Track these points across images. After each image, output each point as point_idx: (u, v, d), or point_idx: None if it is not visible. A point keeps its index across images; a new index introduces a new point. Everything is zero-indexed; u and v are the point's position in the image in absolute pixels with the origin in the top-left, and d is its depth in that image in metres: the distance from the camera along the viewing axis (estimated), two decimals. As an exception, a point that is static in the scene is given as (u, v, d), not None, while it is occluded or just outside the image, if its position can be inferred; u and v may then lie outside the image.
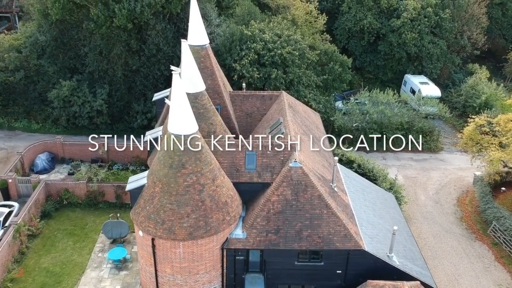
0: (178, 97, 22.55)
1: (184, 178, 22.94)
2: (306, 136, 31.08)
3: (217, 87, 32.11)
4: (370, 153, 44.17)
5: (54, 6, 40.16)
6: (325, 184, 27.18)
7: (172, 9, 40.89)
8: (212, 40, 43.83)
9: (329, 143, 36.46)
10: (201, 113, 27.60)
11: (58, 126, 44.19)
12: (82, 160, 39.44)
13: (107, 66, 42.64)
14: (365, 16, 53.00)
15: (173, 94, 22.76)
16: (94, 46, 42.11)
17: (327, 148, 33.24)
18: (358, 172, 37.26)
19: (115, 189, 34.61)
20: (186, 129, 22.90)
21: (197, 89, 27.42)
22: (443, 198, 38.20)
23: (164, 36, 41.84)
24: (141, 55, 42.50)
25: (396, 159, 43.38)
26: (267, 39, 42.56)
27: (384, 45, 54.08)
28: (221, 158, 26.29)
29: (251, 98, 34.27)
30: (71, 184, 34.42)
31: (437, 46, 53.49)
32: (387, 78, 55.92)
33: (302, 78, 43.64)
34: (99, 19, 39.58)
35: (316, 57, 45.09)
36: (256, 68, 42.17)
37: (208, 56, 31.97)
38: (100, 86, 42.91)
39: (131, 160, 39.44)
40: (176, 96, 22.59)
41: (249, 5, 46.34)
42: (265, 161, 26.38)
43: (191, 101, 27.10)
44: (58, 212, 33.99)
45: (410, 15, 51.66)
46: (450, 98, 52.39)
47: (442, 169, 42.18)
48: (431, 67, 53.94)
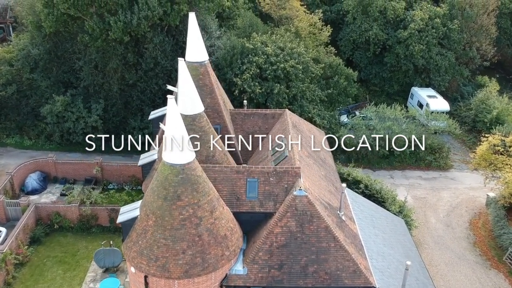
0: (174, 123, 20.73)
1: (179, 211, 21.10)
2: (311, 158, 29.25)
3: (216, 105, 30.34)
4: (377, 171, 42.32)
5: (47, 19, 38.45)
6: (332, 213, 25.31)
7: (171, 21, 39.16)
8: (212, 53, 42.13)
9: (335, 162, 34.86)
10: (199, 137, 25.82)
11: (51, 142, 42.40)
12: (76, 179, 37.69)
13: (103, 80, 40.91)
14: (370, 27, 51.23)
15: (168, 120, 20.95)
16: (89, 59, 40.40)
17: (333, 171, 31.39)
18: (365, 193, 35.47)
19: (108, 212, 32.78)
20: (182, 158, 21.07)
21: (195, 111, 25.66)
22: (454, 220, 36.27)
23: (162, 49, 40.11)
24: (138, 69, 40.77)
25: (404, 178, 41.49)
26: (270, 52, 40.81)
27: (391, 57, 52.29)
28: (220, 185, 24.48)
29: (253, 116, 32.48)
30: (62, 207, 32.60)
31: (445, 58, 51.67)
32: (393, 91, 54.08)
33: (306, 92, 41.85)
34: (94, 31, 37.89)
35: (320, 70, 43.31)
36: (258, 83, 40.40)
37: (208, 73, 30.21)
38: (95, 101, 41.16)
39: (127, 179, 37.64)
40: (171, 122, 20.77)
41: (251, 16, 44.63)
42: (267, 188, 24.54)
43: (188, 123, 25.47)
44: (49, 237, 32.15)
45: (417, 26, 49.87)
46: (459, 112, 50.50)
47: (452, 188, 40.25)
48: (439, 80, 52.10)
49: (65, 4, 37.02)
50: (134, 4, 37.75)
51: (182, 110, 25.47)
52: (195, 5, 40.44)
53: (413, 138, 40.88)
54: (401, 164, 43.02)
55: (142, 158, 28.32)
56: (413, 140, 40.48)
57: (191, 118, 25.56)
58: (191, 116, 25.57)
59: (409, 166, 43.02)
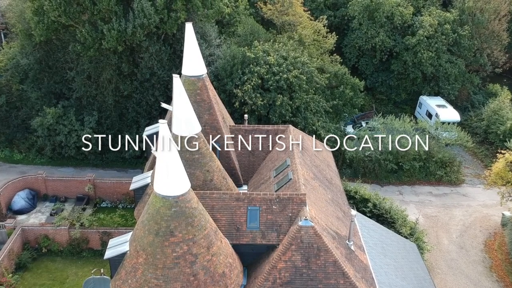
0: (166, 151, 18.63)
1: (172, 248, 19.01)
2: (317, 180, 27.14)
3: (215, 122, 28.28)
4: (385, 186, 40.21)
5: (37, 27, 36.40)
6: (341, 244, 23.20)
7: (168, 29, 37.07)
8: (211, 62, 40.07)
9: (340, 177, 32.84)
10: (196, 159, 23.74)
11: (42, 156, 40.38)
12: (67, 197, 35.68)
13: (96, 91, 38.87)
14: (377, 33, 49.10)
15: (160, 148, 18.86)
16: (82, 69, 38.37)
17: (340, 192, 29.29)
18: (374, 212, 33.42)
19: (100, 235, 30.77)
20: (175, 189, 18.98)
21: (191, 132, 23.54)
22: (468, 242, 34.15)
23: (159, 58, 38.02)
24: (134, 79, 38.71)
25: (414, 194, 39.35)
26: (272, 62, 38.69)
27: (398, 64, 50.17)
28: (219, 214, 22.42)
29: (254, 133, 30.40)
30: (51, 230, 30.56)
31: (455, 65, 49.53)
32: (400, 100, 51.96)
33: (310, 104, 39.74)
34: (86, 40, 35.86)
35: (325, 80, 41.19)
36: (259, 94, 38.29)
37: (206, 87, 28.15)
38: (88, 113, 39.12)
39: (121, 197, 35.60)
40: (163, 150, 18.68)
41: (252, 23, 42.51)
42: (270, 218, 22.44)
43: (183, 145, 23.44)
44: (36, 262, 30.13)
45: (426, 32, 47.73)
46: (470, 122, 48.35)
47: (465, 205, 38.12)
48: (449, 88, 49.93)
49: (55, 11, 35.02)
50: (129, 12, 35.76)
51: (176, 131, 23.47)
52: (193, 12, 38.39)
53: (417, 138, 38.77)
54: (410, 179, 40.90)
55: (134, 182, 26.24)
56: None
57: (186, 140, 23.49)
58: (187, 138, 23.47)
59: (419, 181, 40.90)
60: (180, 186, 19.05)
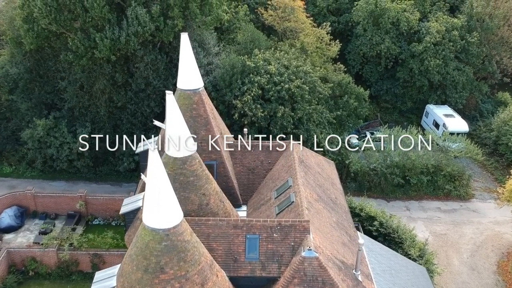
0: (155, 180, 16.87)
1: (163, 286, 17.23)
2: (321, 202, 25.36)
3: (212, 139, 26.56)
4: (392, 202, 38.42)
5: (27, 34, 34.74)
6: (347, 275, 21.42)
7: (164, 37, 35.33)
8: (209, 72, 38.34)
9: (344, 191, 31.16)
10: (191, 182, 22.02)
11: (33, 169, 38.63)
12: (58, 214, 33.98)
13: (89, 102, 37.15)
14: (382, 40, 47.30)
15: (149, 175, 17.10)
16: (74, 79, 36.67)
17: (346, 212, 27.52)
18: (380, 231, 31.61)
19: (90, 257, 29.04)
20: (166, 221, 17.22)
21: (185, 153, 21.80)
22: (480, 263, 32.34)
23: (155, 68, 36.28)
24: (128, 89, 36.99)
25: (421, 210, 37.55)
26: (273, 71, 36.92)
27: (404, 72, 48.38)
28: (215, 243, 20.69)
29: (254, 149, 28.65)
30: (38, 252, 28.81)
31: (463, 73, 47.74)
32: (406, 108, 50.15)
33: (313, 115, 37.94)
34: (78, 49, 34.14)
35: (328, 90, 39.42)
36: (260, 105, 36.53)
37: (202, 102, 26.44)
38: (81, 124, 37.37)
39: (114, 214, 33.87)
40: (152, 178, 16.92)
41: (252, 30, 40.70)
42: (270, 247, 20.68)
43: (177, 167, 21.75)
44: (22, 286, 28.46)
45: (433, 39, 45.95)
46: (479, 133, 46.50)
47: (475, 222, 36.31)
48: (456, 97, 48.13)
49: (45, 19, 33.32)
50: (123, 19, 34.04)
51: (170, 151, 21.76)
52: (191, 20, 36.65)
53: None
54: (417, 194, 39.10)
55: (125, 205, 24.50)
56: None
57: (181, 161, 21.77)
58: (181, 159, 21.75)
59: (426, 196, 39.09)
60: (171, 217, 17.30)
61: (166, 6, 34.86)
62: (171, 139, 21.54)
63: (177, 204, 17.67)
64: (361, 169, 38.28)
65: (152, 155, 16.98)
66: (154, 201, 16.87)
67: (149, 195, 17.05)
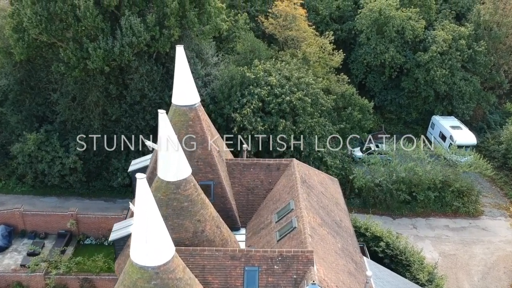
0: (144, 213, 15.27)
1: (152, 329, 15.64)
2: (325, 226, 23.75)
3: (209, 158, 25.02)
4: (398, 219, 36.80)
5: (17, 45, 33.22)
6: (354, 309, 19.82)
7: (160, 47, 33.80)
8: (207, 83, 36.82)
9: (348, 208, 29.66)
10: (185, 208, 20.46)
11: (23, 184, 37.03)
12: (47, 233, 32.41)
13: (82, 114, 35.62)
14: (386, 49, 45.75)
15: (137, 207, 15.51)
16: (66, 91, 35.19)
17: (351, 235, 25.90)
18: (387, 253, 29.99)
19: (80, 282, 27.47)
20: (156, 258, 15.61)
21: (179, 176, 20.23)
22: (492, 286, 30.71)
23: (150, 79, 34.75)
24: (122, 102, 35.45)
25: (429, 228, 35.90)
26: (274, 83, 35.40)
27: (409, 82, 46.84)
28: (210, 276, 19.09)
29: (254, 168, 27.07)
30: (25, 277, 27.21)
31: (469, 83, 46.18)
32: (411, 119, 48.55)
33: (315, 128, 36.37)
34: (70, 60, 32.62)
35: (331, 102, 37.88)
36: (260, 118, 34.98)
37: (199, 118, 24.90)
38: (73, 138, 35.80)
39: (107, 233, 32.18)
40: (140, 211, 15.32)
41: (252, 40, 39.15)
42: (271, 280, 19.08)
43: (170, 192, 20.19)
44: (7, 313, 26.83)
45: (439, 48, 44.41)
46: (487, 145, 44.87)
47: (485, 242, 34.66)
48: (463, 108, 46.54)
49: (36, 29, 31.77)
50: (117, 29, 32.53)
51: (163, 175, 20.18)
52: (188, 29, 35.15)
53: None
54: (424, 210, 37.47)
55: (115, 231, 22.95)
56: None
57: (174, 186, 20.21)
58: (175, 183, 20.18)
59: (434, 213, 37.45)
60: (161, 254, 15.69)
61: (162, 15, 33.39)
62: (164, 161, 19.99)
63: (168, 238, 16.06)
64: (366, 184, 36.67)
65: (140, 184, 15.38)
66: (142, 237, 15.27)
67: (137, 230, 15.45)
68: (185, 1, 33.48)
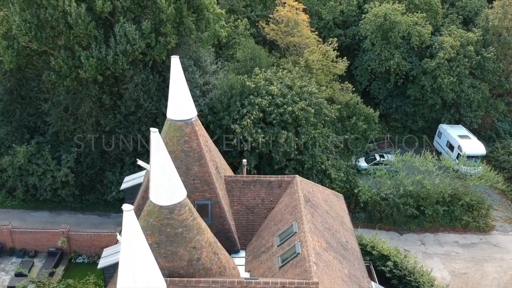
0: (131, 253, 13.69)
1: None
2: (331, 250, 22.14)
3: (206, 175, 23.47)
4: (405, 234, 35.17)
5: (6, 52, 31.69)
6: None
7: (156, 55, 32.30)
8: (206, 92, 35.29)
9: (353, 223, 28.11)
10: (179, 234, 18.83)
11: (14, 198, 35.47)
12: (37, 251, 30.84)
13: (74, 125, 34.13)
14: (392, 56, 44.19)
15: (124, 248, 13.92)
16: (58, 101, 33.68)
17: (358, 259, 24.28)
18: (395, 273, 28.36)
19: (70, 307, 25.82)
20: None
21: (173, 200, 18.62)
22: (506, 309, 29.07)
23: (146, 89, 33.22)
24: (117, 112, 33.93)
25: (438, 244, 34.27)
26: (275, 92, 33.88)
27: (415, 89, 45.25)
28: (207, 310, 17.47)
29: (254, 185, 25.48)
30: (10, 301, 25.67)
31: (478, 90, 44.60)
32: (417, 127, 46.90)
33: (318, 139, 34.79)
34: (62, 68, 31.11)
35: (335, 112, 36.29)
36: (260, 129, 33.44)
37: (195, 133, 23.34)
38: (66, 150, 34.30)
39: (100, 251, 30.48)
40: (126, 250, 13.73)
41: (253, 47, 37.59)
42: (273, 315, 17.48)
43: (163, 217, 18.60)
44: None
45: (447, 54, 42.81)
46: (496, 155, 43.19)
47: (497, 259, 33.02)
48: (471, 116, 44.93)
49: (25, 36, 30.27)
50: (111, 36, 31.02)
51: (155, 199, 18.59)
52: (186, 36, 33.63)
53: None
54: (432, 225, 35.82)
55: (104, 257, 21.51)
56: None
57: (167, 210, 18.58)
58: (168, 208, 18.56)
59: (443, 228, 35.79)
60: None
61: (158, 21, 31.89)
62: (156, 183, 18.41)
63: (158, 274, 14.51)
64: (372, 198, 35.06)
65: (127, 217, 13.82)
66: (129, 276, 13.68)
67: (124, 268, 13.87)
68: (182, 7, 31.97)
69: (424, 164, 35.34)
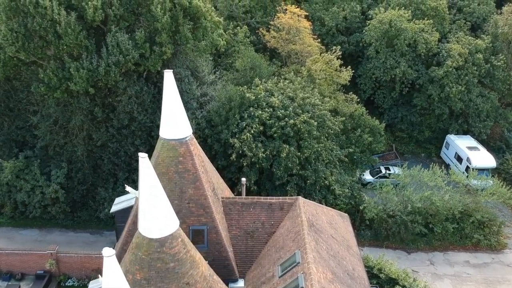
0: None
1: None
2: (337, 282, 20.39)
3: (202, 198, 21.87)
4: (413, 253, 33.41)
5: (-7, 64, 30.11)
6: None
7: (150, 66, 30.62)
8: (203, 104, 33.62)
9: (358, 242, 26.47)
10: (171, 269, 17.16)
11: (2, 215, 33.79)
12: (24, 273, 29.12)
13: (65, 139, 32.43)
14: (397, 63, 42.50)
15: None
16: (47, 113, 31.97)
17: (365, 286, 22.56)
18: (404, 299, 26.64)
19: (56, 338, 24.09)
20: None
21: (164, 232, 16.94)
22: (522, 336, 27.28)
23: (140, 101, 31.53)
24: (109, 126, 32.21)
25: (448, 264, 32.51)
26: (276, 104, 32.15)
27: (421, 98, 43.53)
28: None
29: (254, 207, 23.79)
30: (-8, 331, 23.95)
31: (487, 99, 42.92)
32: (423, 138, 45.20)
33: (322, 153, 33.08)
34: (51, 80, 29.43)
35: (339, 125, 34.59)
36: (261, 143, 31.72)
37: (190, 153, 21.70)
38: (56, 165, 32.64)
39: (91, 273, 28.95)
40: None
41: (253, 56, 35.90)
42: None
43: (153, 250, 16.97)
44: None
45: (455, 62, 41.10)
46: (507, 167, 41.42)
47: (511, 281, 31.24)
48: (480, 126, 43.19)
49: (12, 46, 28.62)
50: (103, 46, 29.37)
51: (144, 231, 16.90)
52: (182, 45, 31.97)
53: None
54: (442, 243, 34.05)
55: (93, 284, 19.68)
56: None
57: (158, 243, 16.93)
58: (158, 240, 16.88)
59: (452, 246, 34.04)
60: None
61: (153, 30, 30.21)
62: (145, 213, 16.72)
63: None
64: (378, 215, 33.31)
65: (107, 263, 12.14)
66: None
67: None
68: (178, 15, 30.29)
69: (433, 179, 33.61)
